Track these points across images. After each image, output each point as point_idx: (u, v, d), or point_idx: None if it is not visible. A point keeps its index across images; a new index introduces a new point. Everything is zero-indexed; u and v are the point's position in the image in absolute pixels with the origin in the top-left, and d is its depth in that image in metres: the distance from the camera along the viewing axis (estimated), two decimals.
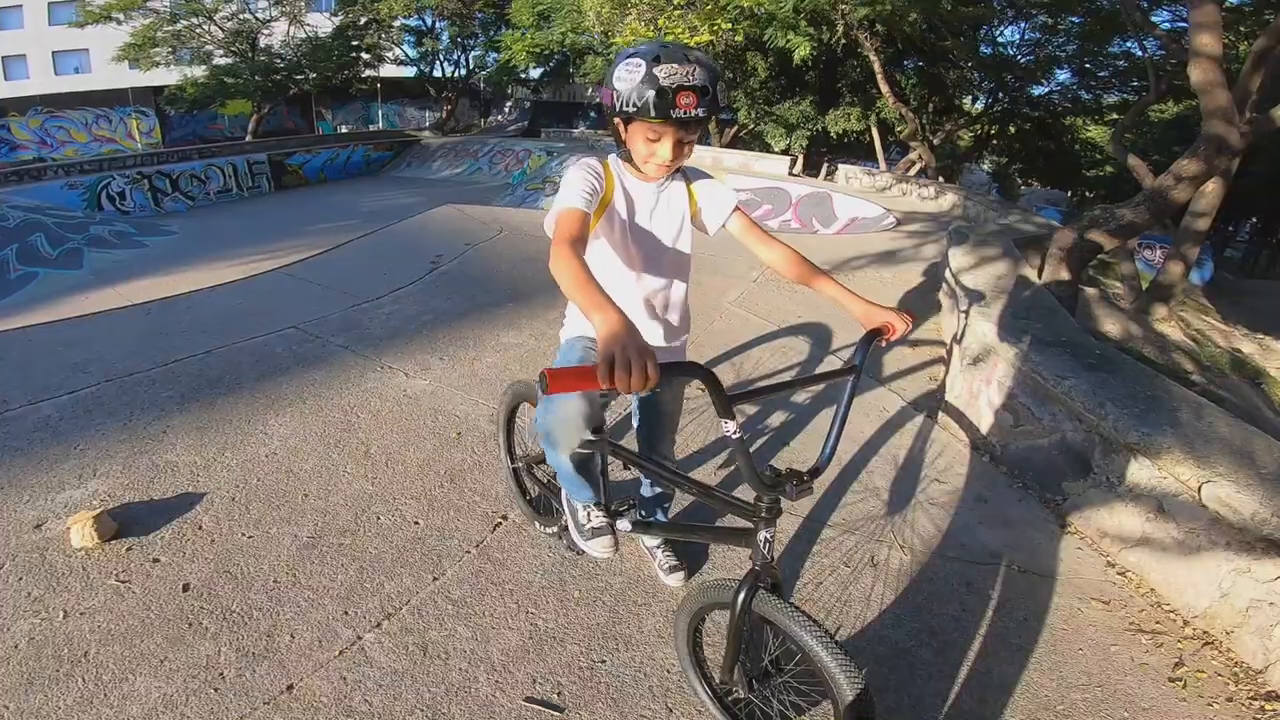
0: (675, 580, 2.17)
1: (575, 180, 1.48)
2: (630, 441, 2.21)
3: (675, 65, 1.34)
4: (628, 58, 1.41)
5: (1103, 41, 16.01)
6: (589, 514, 1.78)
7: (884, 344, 1.56)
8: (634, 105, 1.37)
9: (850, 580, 2.29)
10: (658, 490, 2.14)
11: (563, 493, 1.87)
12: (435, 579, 2.14)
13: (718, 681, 1.69)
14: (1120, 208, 5.03)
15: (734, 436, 1.28)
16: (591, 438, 1.61)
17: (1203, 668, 2.06)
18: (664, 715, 1.75)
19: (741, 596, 1.41)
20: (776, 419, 3.37)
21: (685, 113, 1.35)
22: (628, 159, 1.57)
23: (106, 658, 1.79)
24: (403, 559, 2.21)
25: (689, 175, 1.71)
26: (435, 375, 3.49)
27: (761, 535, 1.40)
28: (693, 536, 2.08)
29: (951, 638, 2.10)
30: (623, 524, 1.80)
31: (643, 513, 2.18)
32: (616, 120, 1.49)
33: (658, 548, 2.22)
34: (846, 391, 1.48)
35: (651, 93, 1.33)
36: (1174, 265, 6.63)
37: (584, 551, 1.82)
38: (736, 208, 1.70)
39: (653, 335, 1.75)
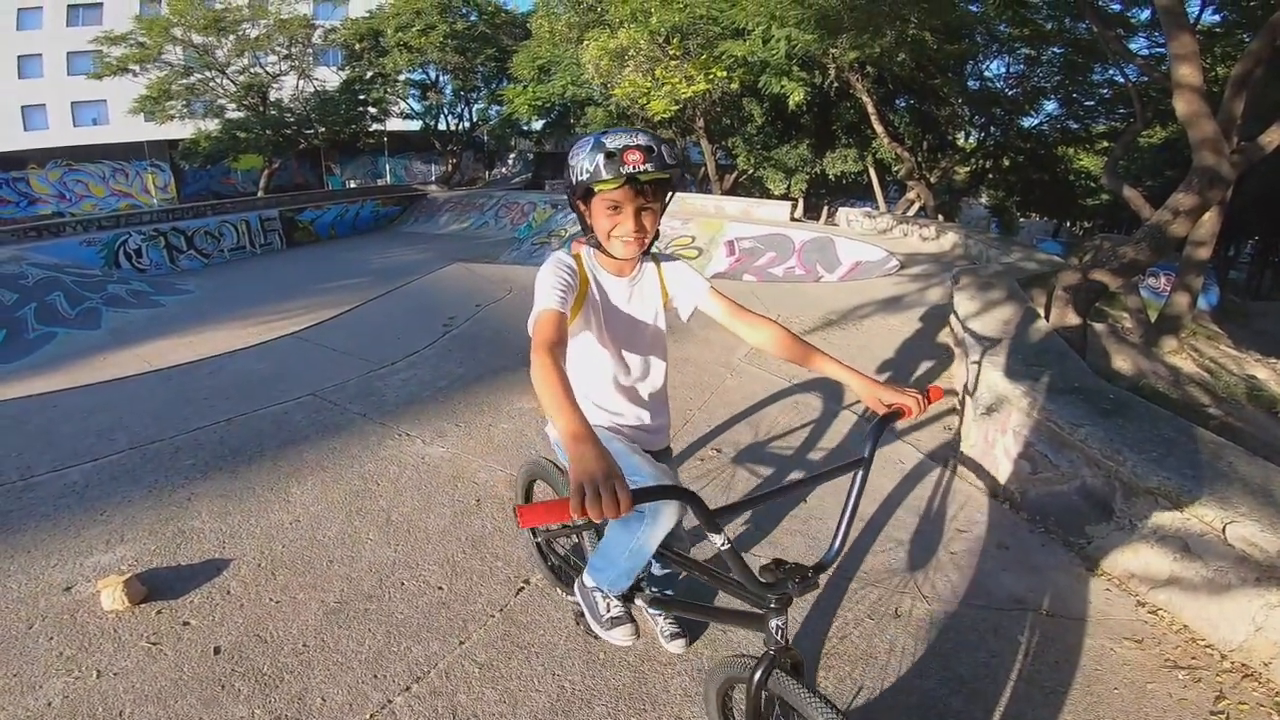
0: (677, 647, 2.13)
1: (548, 279, 1.50)
2: None
3: (620, 133, 1.45)
4: (578, 141, 1.51)
5: (1085, 70, 16.29)
6: (609, 604, 1.74)
7: (898, 426, 1.54)
8: (587, 173, 1.44)
9: (875, 632, 2.28)
10: (667, 570, 2.11)
11: (582, 580, 1.80)
12: (461, 643, 2.14)
13: None
14: (1122, 246, 5.09)
15: (723, 549, 1.30)
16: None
17: (1245, 699, 2.04)
18: None
19: (757, 675, 1.41)
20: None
21: (634, 168, 1.41)
22: (597, 246, 1.60)
23: (142, 718, 1.81)
24: (428, 624, 2.22)
25: (660, 260, 1.73)
26: (452, 442, 3.51)
27: (773, 623, 1.39)
28: (707, 617, 2.03)
29: (981, 685, 2.08)
30: (640, 601, 1.78)
31: (654, 589, 2.13)
32: (579, 203, 1.55)
33: (659, 614, 2.18)
34: (856, 485, 1.42)
35: (600, 156, 1.42)
36: (1179, 296, 6.67)
37: (603, 639, 1.78)
38: (711, 290, 1.71)
39: (635, 420, 1.76)
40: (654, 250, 1.69)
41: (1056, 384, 3.24)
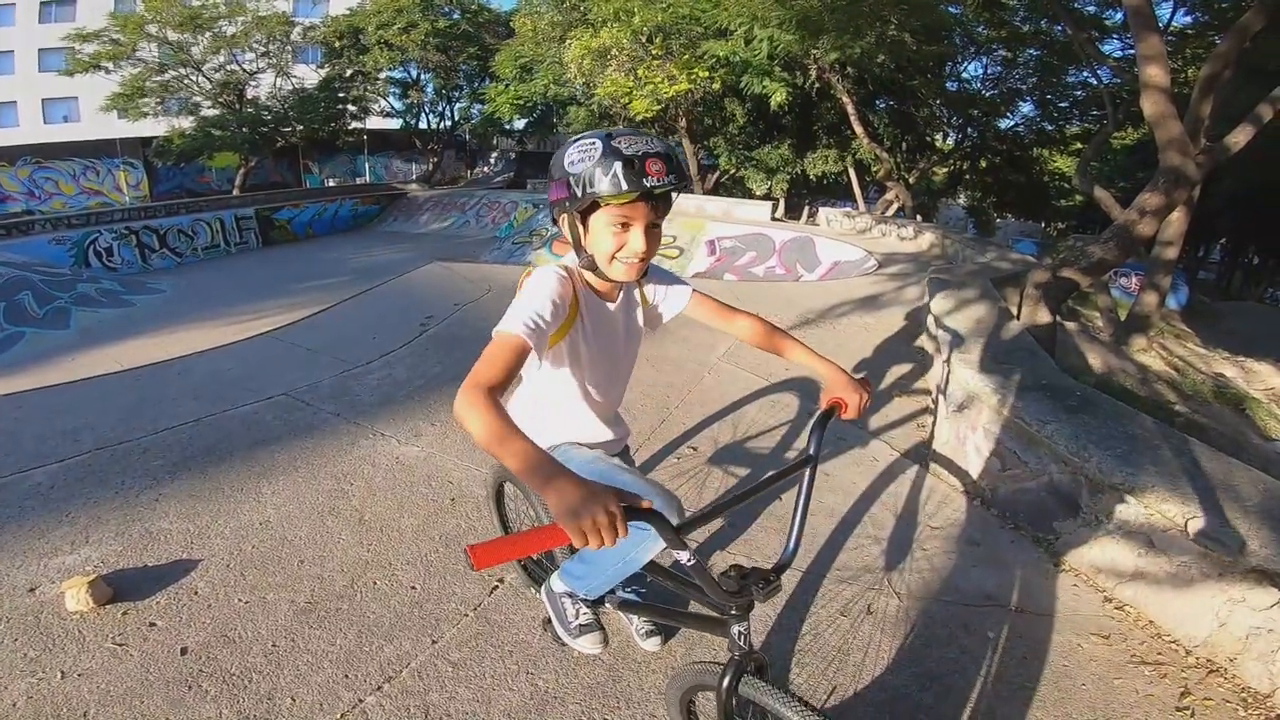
0: (652, 645, 2.13)
1: (534, 301, 1.30)
2: None
3: (630, 136, 1.24)
4: (576, 140, 1.29)
5: (1060, 72, 16.64)
6: (578, 610, 1.73)
7: (840, 418, 1.50)
8: (601, 183, 1.22)
9: (848, 630, 2.30)
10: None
11: (550, 586, 1.76)
12: (434, 642, 2.13)
13: None
14: (1090, 245, 5.16)
15: (688, 564, 1.24)
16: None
17: (1210, 695, 2.08)
18: None
19: (725, 682, 1.40)
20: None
21: (658, 180, 1.21)
22: (590, 267, 1.40)
23: (107, 718, 1.79)
24: (401, 623, 2.20)
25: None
26: (428, 441, 3.49)
27: (735, 629, 1.36)
28: (671, 620, 2.03)
29: (951, 680, 2.11)
30: (609, 604, 1.76)
31: (624, 593, 2.13)
32: (572, 216, 1.33)
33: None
34: (805, 483, 1.38)
35: (618, 164, 1.19)
36: (1148, 296, 6.81)
37: (571, 647, 1.75)
38: (694, 295, 1.64)
39: (603, 437, 1.72)
40: None
41: (1025, 381, 3.28)
